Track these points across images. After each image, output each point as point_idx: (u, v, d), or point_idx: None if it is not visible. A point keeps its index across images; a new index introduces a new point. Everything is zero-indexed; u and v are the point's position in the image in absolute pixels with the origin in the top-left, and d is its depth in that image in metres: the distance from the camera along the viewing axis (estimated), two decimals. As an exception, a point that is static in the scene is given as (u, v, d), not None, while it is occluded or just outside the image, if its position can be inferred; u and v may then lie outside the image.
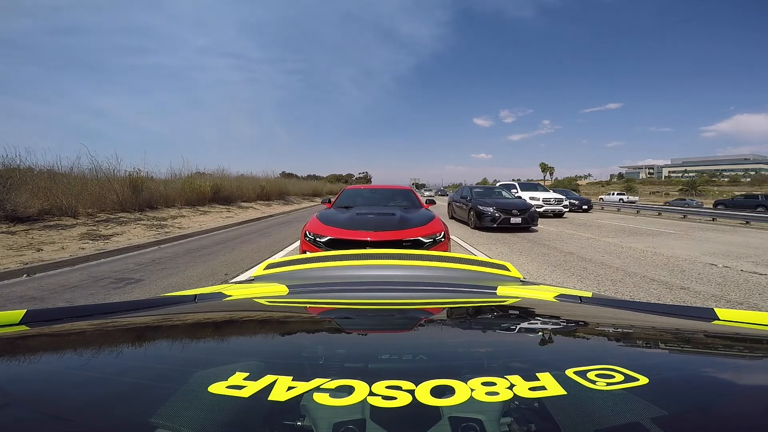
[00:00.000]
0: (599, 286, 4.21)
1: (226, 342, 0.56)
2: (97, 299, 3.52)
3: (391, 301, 0.81)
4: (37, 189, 7.39)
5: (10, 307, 3.25)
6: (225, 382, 0.35)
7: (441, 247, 3.58)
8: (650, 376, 0.37)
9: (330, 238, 3.45)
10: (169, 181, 12.72)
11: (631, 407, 0.33)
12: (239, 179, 17.96)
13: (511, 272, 1.13)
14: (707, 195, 34.61)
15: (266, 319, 0.71)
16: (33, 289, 3.78)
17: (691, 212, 14.64)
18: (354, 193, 5.42)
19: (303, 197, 26.83)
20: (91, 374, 0.41)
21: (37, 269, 4.48)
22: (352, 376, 0.36)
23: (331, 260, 1.18)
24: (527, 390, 0.34)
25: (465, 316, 0.74)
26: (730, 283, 4.40)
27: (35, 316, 0.58)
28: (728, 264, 5.50)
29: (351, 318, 0.72)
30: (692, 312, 0.70)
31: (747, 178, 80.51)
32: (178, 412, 0.31)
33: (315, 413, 0.31)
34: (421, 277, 1.04)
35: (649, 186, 72.67)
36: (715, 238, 8.44)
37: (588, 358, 0.45)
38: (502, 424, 0.31)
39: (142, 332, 0.59)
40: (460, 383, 0.35)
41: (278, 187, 22.02)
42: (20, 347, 0.51)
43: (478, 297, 0.87)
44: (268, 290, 0.89)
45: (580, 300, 0.83)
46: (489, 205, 9.36)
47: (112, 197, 9.24)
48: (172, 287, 3.92)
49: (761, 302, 3.68)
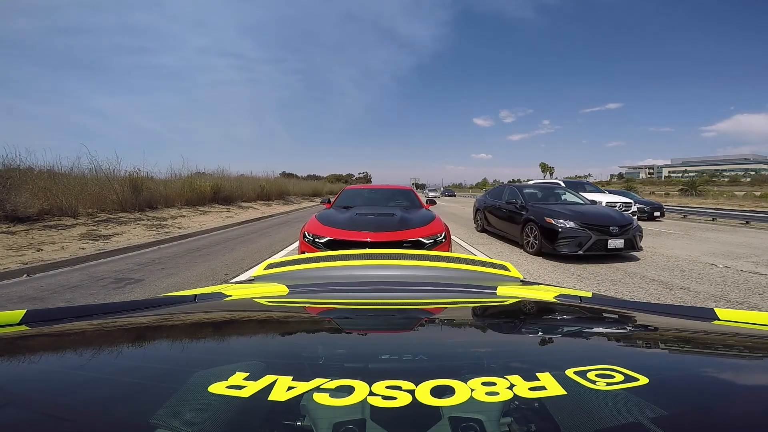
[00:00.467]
0: (599, 286, 4.21)
1: (226, 342, 0.56)
2: (97, 299, 3.52)
3: (391, 301, 0.81)
4: (37, 189, 7.39)
5: (10, 307, 3.24)
6: (225, 382, 0.35)
7: (442, 247, 3.57)
8: (650, 376, 0.37)
9: (329, 239, 3.44)
10: (169, 181, 12.71)
11: (631, 407, 0.33)
12: (239, 179, 17.95)
13: (511, 272, 1.13)
14: (707, 195, 34.57)
15: (266, 319, 0.71)
16: (33, 289, 3.77)
17: (691, 212, 14.63)
18: (354, 193, 5.41)
19: (303, 197, 26.83)
20: (91, 374, 0.41)
21: (37, 269, 4.48)
22: (352, 376, 0.36)
23: (331, 260, 1.18)
24: (527, 390, 0.34)
25: (465, 316, 0.74)
26: (730, 283, 4.40)
27: (35, 316, 0.58)
28: (728, 264, 5.50)
29: (351, 318, 0.72)
30: (692, 312, 0.70)
31: (747, 178, 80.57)
32: (178, 412, 0.31)
33: (315, 413, 0.31)
34: (421, 277, 1.04)
35: (649, 186, 72.61)
36: (715, 238, 8.43)
37: (588, 358, 0.45)
38: (502, 424, 0.31)
39: (142, 332, 0.59)
40: (460, 383, 0.35)
41: (278, 187, 22.02)
42: (20, 347, 0.51)
43: (478, 297, 0.87)
44: (268, 290, 0.89)
45: (580, 300, 0.83)
46: (565, 216, 5.53)
47: (112, 197, 9.23)
48: (172, 287, 3.92)
49: (761, 302, 3.68)
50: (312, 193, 29.96)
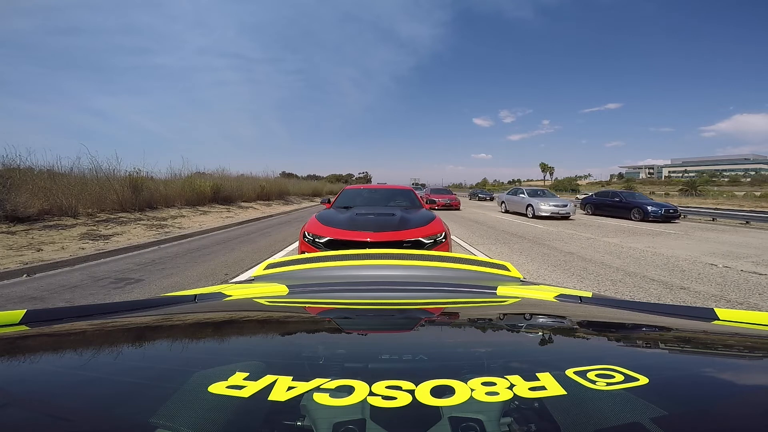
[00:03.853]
0: (599, 286, 4.21)
1: (226, 342, 0.56)
2: (97, 299, 3.52)
3: (391, 301, 0.81)
4: (37, 189, 7.39)
5: (10, 307, 3.25)
6: (225, 382, 0.35)
7: (442, 247, 3.57)
8: (650, 376, 0.37)
9: (329, 239, 3.44)
10: (169, 181, 12.71)
11: (631, 407, 0.33)
12: (239, 179, 17.95)
13: (511, 272, 1.13)
14: (707, 195, 34.58)
15: (266, 319, 0.71)
16: (33, 289, 3.77)
17: (691, 212, 14.62)
18: (354, 193, 5.40)
19: (303, 197, 26.83)
20: (91, 374, 0.41)
21: (37, 269, 4.48)
22: (352, 376, 0.36)
23: (331, 260, 1.18)
24: (527, 390, 0.34)
25: (465, 316, 0.74)
26: (730, 283, 4.40)
27: (35, 316, 0.58)
28: (728, 264, 5.50)
29: (351, 318, 0.72)
30: (692, 312, 0.70)
31: (747, 178, 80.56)
32: (178, 412, 0.31)
33: (315, 413, 0.31)
34: (421, 277, 1.04)
35: (649, 186, 72.66)
36: (715, 238, 8.43)
37: (588, 358, 0.45)
38: (502, 424, 0.31)
39: (142, 332, 0.59)
40: (460, 383, 0.35)
41: (278, 187, 22.01)
42: (20, 347, 0.51)
43: (478, 297, 0.87)
44: (268, 290, 0.89)
45: (580, 300, 0.83)
46: None
47: (112, 197, 9.23)
48: (172, 287, 3.92)
49: (761, 302, 3.68)
50: (312, 193, 29.96)
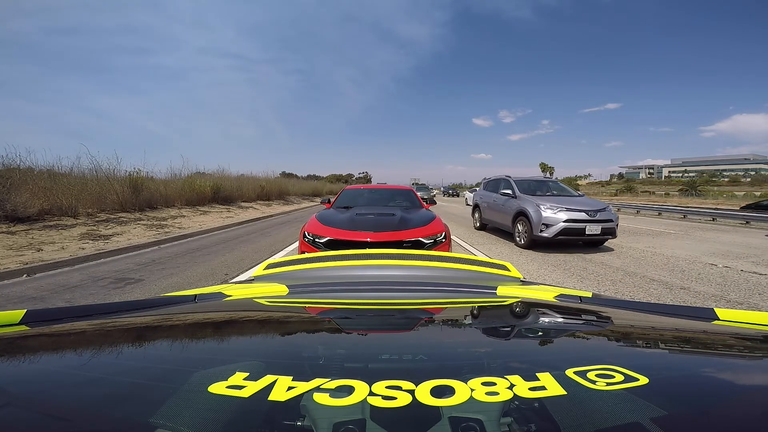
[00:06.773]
0: (599, 286, 4.21)
1: (226, 342, 0.56)
2: (97, 299, 3.52)
3: (391, 301, 0.81)
4: (37, 189, 7.38)
5: (10, 307, 3.24)
6: (225, 382, 0.35)
7: (442, 247, 3.57)
8: (650, 376, 0.37)
9: (329, 239, 3.44)
10: (169, 181, 12.71)
11: (631, 407, 0.33)
12: (239, 179, 17.95)
13: (511, 272, 1.13)
14: (707, 195, 34.57)
15: (266, 319, 0.71)
16: (33, 289, 3.77)
17: (691, 212, 14.62)
18: (354, 193, 5.40)
19: (303, 197, 26.82)
20: (91, 374, 0.41)
21: (37, 269, 4.47)
22: (352, 376, 0.36)
23: (331, 260, 1.18)
24: (527, 390, 0.34)
25: (465, 316, 0.74)
26: (730, 283, 4.40)
27: (35, 316, 0.58)
28: (728, 264, 5.50)
29: (351, 318, 0.72)
30: (692, 312, 0.70)
31: (747, 178, 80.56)
32: (178, 412, 0.31)
33: (315, 413, 0.31)
34: (421, 277, 1.04)
35: (648, 186, 72.59)
36: (715, 238, 8.43)
37: (588, 358, 0.45)
38: (502, 424, 0.31)
39: (142, 332, 0.59)
40: (460, 383, 0.35)
41: (278, 187, 22.01)
42: (20, 347, 0.51)
43: (478, 297, 0.87)
44: (268, 290, 0.89)
45: (580, 300, 0.83)
46: None
47: (112, 197, 9.23)
48: (172, 287, 3.92)
49: (761, 302, 3.68)
50: (312, 193, 29.95)
